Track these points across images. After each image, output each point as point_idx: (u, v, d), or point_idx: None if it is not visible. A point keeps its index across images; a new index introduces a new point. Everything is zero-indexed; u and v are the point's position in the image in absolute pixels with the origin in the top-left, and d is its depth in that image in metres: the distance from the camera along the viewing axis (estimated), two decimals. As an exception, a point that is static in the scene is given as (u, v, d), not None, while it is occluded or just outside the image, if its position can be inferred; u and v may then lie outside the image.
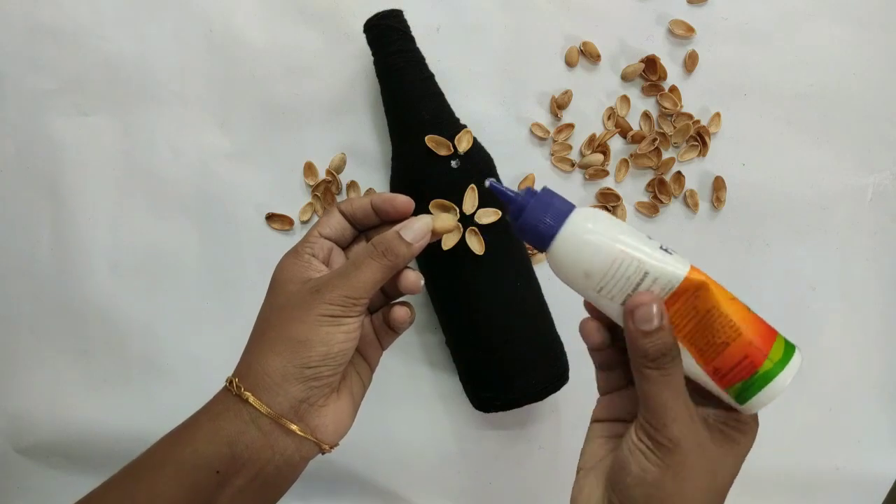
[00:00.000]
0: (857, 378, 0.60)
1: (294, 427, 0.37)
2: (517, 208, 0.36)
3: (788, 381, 0.34)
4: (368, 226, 0.42)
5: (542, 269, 0.59)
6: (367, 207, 0.40)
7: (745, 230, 0.60)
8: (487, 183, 0.37)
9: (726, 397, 0.35)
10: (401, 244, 0.38)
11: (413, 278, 0.40)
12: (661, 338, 0.33)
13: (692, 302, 0.34)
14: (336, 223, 0.41)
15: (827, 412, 0.60)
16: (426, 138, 0.51)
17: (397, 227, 0.38)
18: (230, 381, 0.38)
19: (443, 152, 0.51)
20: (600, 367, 0.39)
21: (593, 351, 0.39)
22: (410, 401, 0.60)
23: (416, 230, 0.38)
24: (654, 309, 0.33)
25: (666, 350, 0.34)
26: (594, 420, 0.39)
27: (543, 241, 0.35)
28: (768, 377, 0.34)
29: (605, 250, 0.34)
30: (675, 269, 0.34)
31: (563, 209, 0.35)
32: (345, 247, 0.42)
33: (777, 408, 0.61)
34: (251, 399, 0.36)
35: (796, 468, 0.60)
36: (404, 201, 0.40)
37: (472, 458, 0.60)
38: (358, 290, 0.37)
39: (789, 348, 0.35)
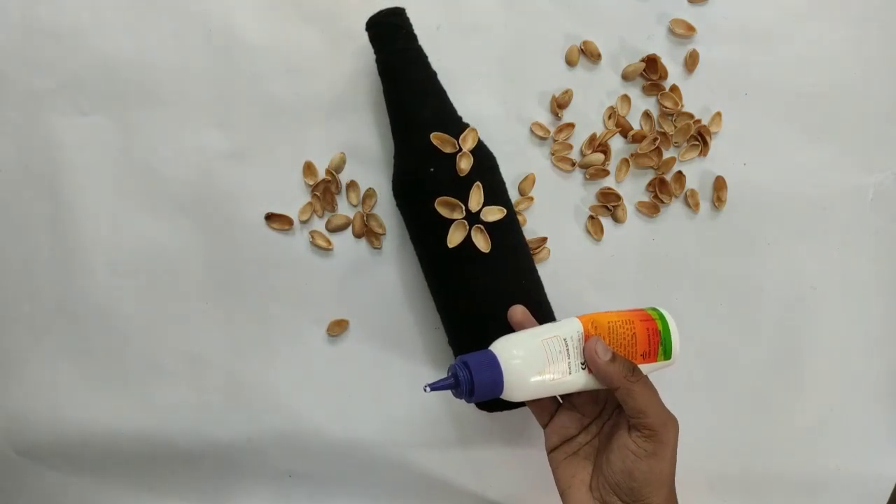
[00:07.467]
0: (857, 378, 0.60)
1: None
2: (465, 385, 0.41)
3: (673, 320, 0.46)
4: None
5: (544, 269, 0.59)
6: None
7: (746, 230, 0.60)
8: (427, 389, 0.42)
9: (660, 366, 0.46)
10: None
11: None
12: (620, 358, 0.43)
13: (597, 331, 0.44)
14: None
15: (827, 412, 0.60)
16: (431, 136, 0.50)
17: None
18: None
19: (448, 150, 0.51)
20: (539, 412, 0.49)
21: (538, 410, 0.49)
22: (412, 400, 0.60)
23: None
24: (602, 343, 0.43)
25: (631, 364, 0.43)
26: (550, 450, 0.48)
27: (497, 388, 0.42)
28: (666, 328, 0.46)
29: (536, 353, 0.43)
30: (571, 323, 0.45)
31: (491, 359, 0.42)
32: None
33: (777, 408, 0.61)
34: None
35: (796, 468, 0.60)
36: None
37: (473, 459, 0.60)
38: None
39: (651, 309, 0.47)
